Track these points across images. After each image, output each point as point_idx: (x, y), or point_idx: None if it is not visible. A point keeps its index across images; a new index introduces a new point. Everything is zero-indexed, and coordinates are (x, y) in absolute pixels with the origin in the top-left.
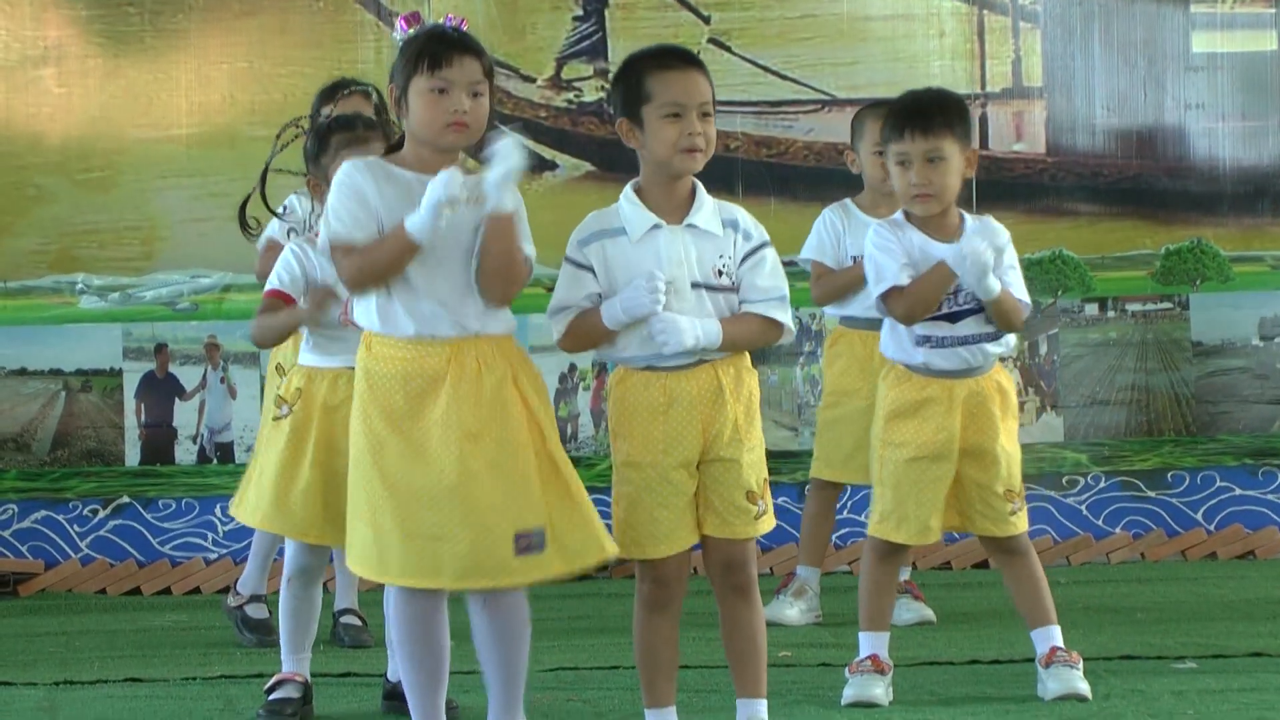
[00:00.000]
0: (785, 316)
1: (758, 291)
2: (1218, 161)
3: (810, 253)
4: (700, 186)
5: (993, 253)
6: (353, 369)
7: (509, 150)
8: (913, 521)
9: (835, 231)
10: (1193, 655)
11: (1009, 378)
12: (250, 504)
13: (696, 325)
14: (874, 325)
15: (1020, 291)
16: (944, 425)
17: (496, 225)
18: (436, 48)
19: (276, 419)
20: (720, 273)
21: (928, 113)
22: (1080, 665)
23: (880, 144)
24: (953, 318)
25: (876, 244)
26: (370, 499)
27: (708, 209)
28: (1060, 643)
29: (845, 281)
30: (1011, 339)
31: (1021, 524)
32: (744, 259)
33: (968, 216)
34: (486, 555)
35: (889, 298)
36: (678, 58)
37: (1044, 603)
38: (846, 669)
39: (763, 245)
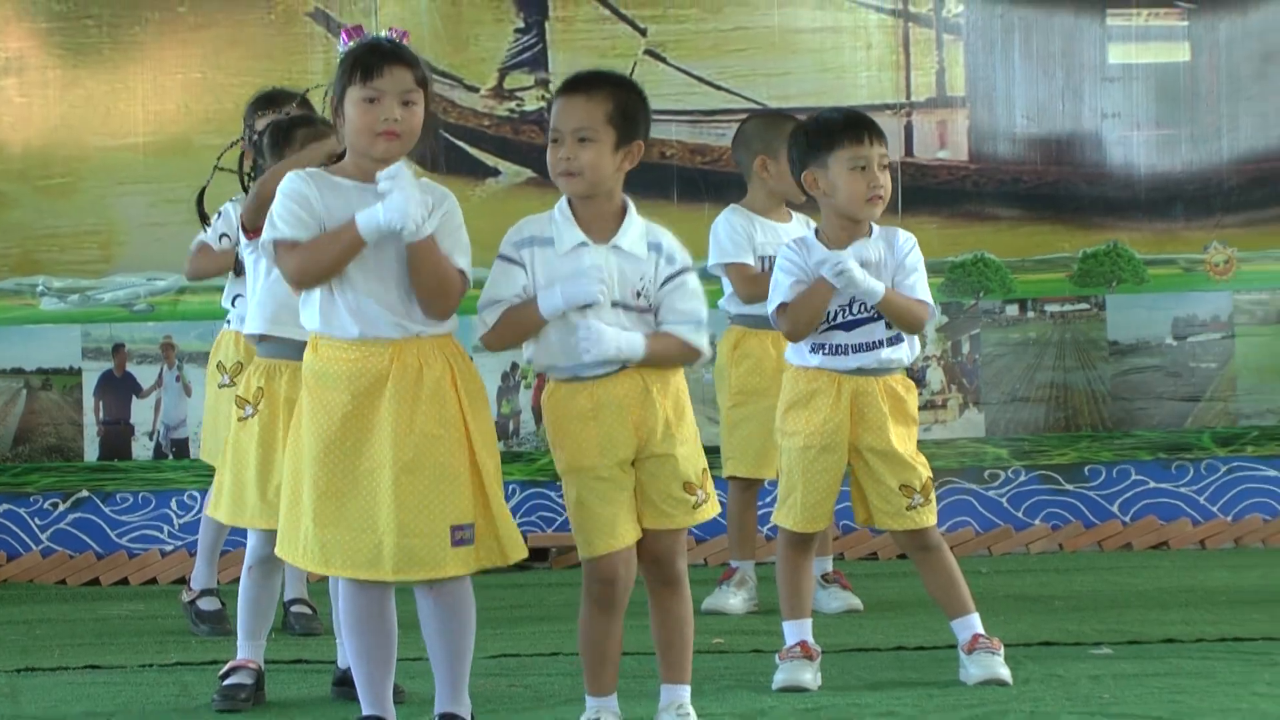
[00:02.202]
0: (700, 340)
1: (676, 314)
2: (1133, 168)
3: (727, 257)
4: (632, 208)
5: (859, 261)
6: None
7: (393, 175)
8: (799, 508)
9: (746, 231)
10: (1109, 641)
11: (908, 386)
12: (229, 505)
13: (620, 336)
14: None
15: (921, 293)
16: (830, 417)
17: (416, 251)
18: (369, 58)
19: (242, 419)
20: (638, 294)
21: (873, 123)
22: (1001, 651)
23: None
24: (848, 326)
25: (781, 265)
26: (315, 494)
27: (635, 232)
28: (981, 630)
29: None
30: (914, 348)
31: (923, 520)
32: (665, 282)
33: (875, 227)
34: (424, 547)
35: (778, 314)
36: (568, 84)
37: (960, 594)
38: (777, 655)
39: (684, 270)
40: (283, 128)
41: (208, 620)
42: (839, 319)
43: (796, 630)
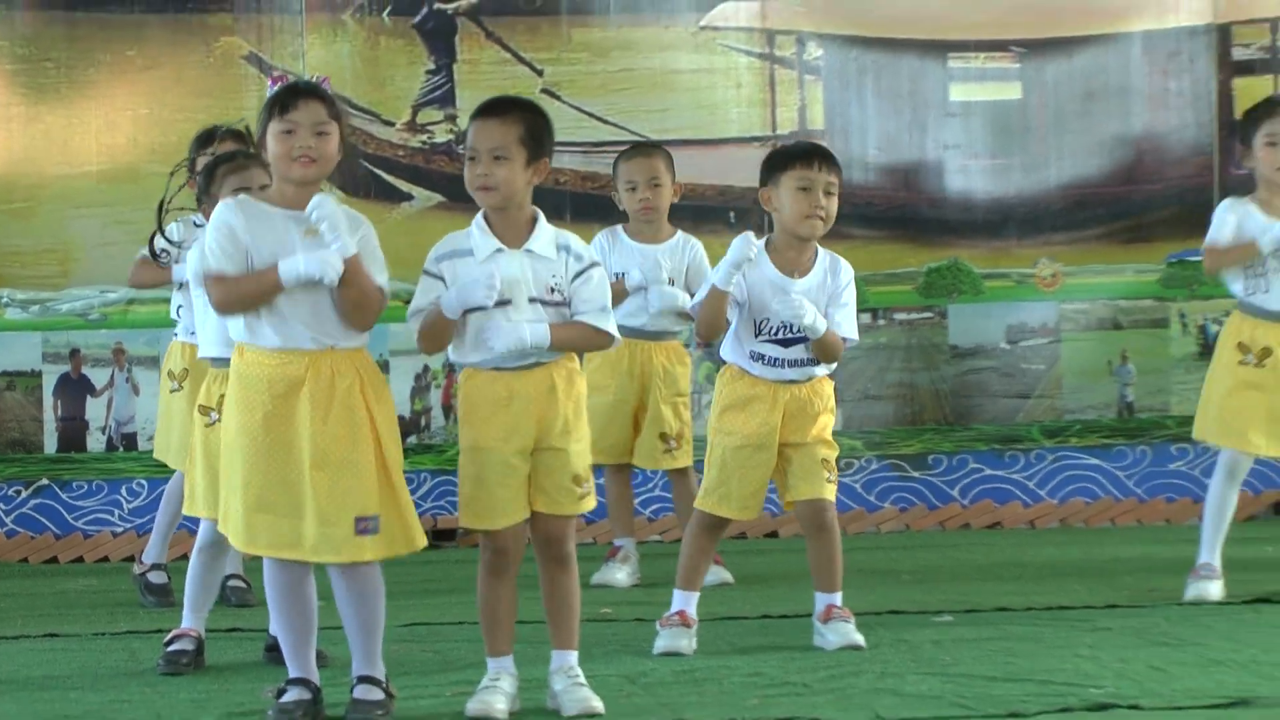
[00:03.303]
0: (607, 324)
1: (584, 303)
2: (971, 193)
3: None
4: (541, 217)
5: (810, 308)
6: None
7: (318, 205)
8: (735, 499)
9: (603, 253)
10: (949, 610)
11: (829, 383)
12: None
13: (524, 327)
14: (631, 334)
15: (848, 329)
16: (766, 420)
17: (346, 269)
18: (286, 96)
19: (209, 425)
20: (553, 290)
21: (828, 152)
22: (853, 620)
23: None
24: (785, 343)
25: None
26: (243, 483)
27: (545, 236)
28: (839, 603)
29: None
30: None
31: (833, 491)
32: (575, 277)
33: (822, 252)
34: (335, 535)
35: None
36: (484, 109)
37: (837, 571)
38: (658, 622)
39: (592, 265)
40: (208, 169)
41: (155, 592)
42: (778, 334)
43: (684, 600)
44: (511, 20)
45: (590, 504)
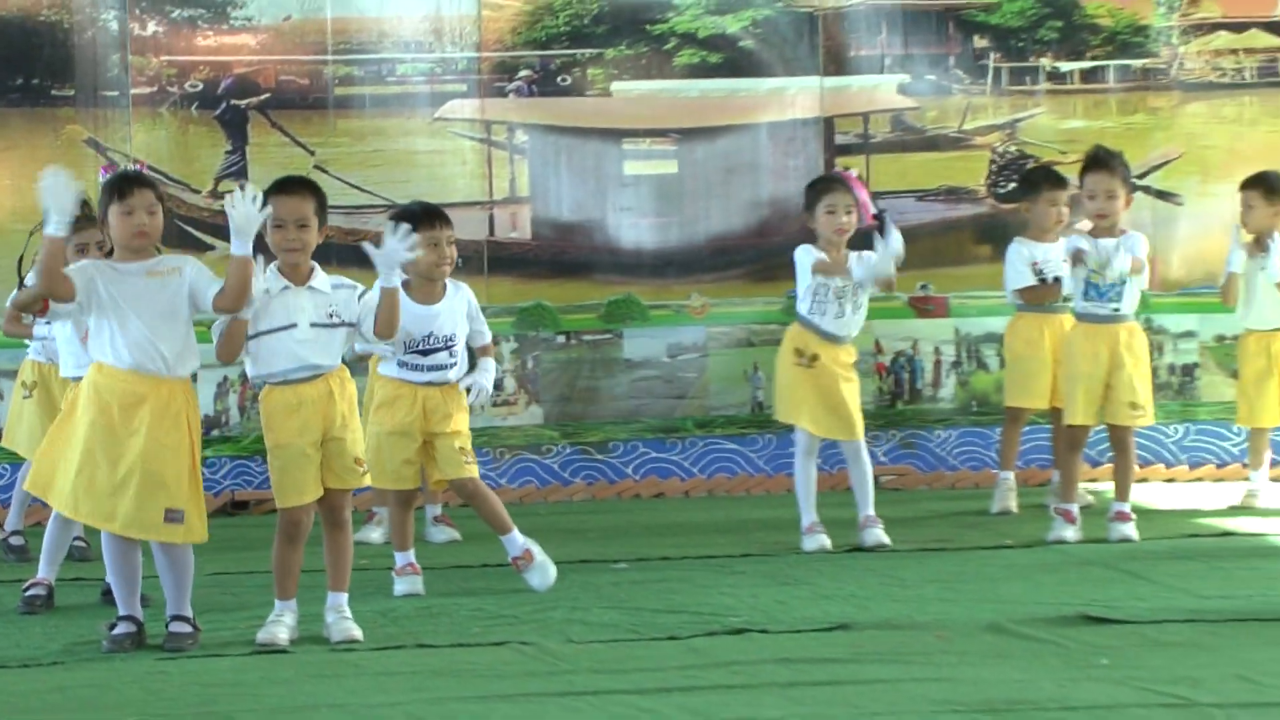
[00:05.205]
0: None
1: (367, 308)
2: (641, 244)
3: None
4: (317, 266)
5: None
6: None
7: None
8: (389, 472)
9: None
10: (624, 559)
11: (459, 389)
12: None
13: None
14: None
15: (487, 331)
16: (409, 413)
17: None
18: (123, 184)
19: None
20: (331, 315)
21: (441, 212)
22: (537, 559)
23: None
24: (425, 353)
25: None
26: (80, 466)
27: (321, 278)
28: (520, 550)
29: None
30: (463, 367)
31: (473, 470)
32: (359, 299)
33: (449, 283)
34: (148, 519)
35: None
36: (284, 187)
37: (502, 517)
38: (393, 572)
39: (365, 291)
40: None
41: (15, 552)
42: (419, 346)
43: (404, 557)
44: (290, 112)
45: (368, 479)
